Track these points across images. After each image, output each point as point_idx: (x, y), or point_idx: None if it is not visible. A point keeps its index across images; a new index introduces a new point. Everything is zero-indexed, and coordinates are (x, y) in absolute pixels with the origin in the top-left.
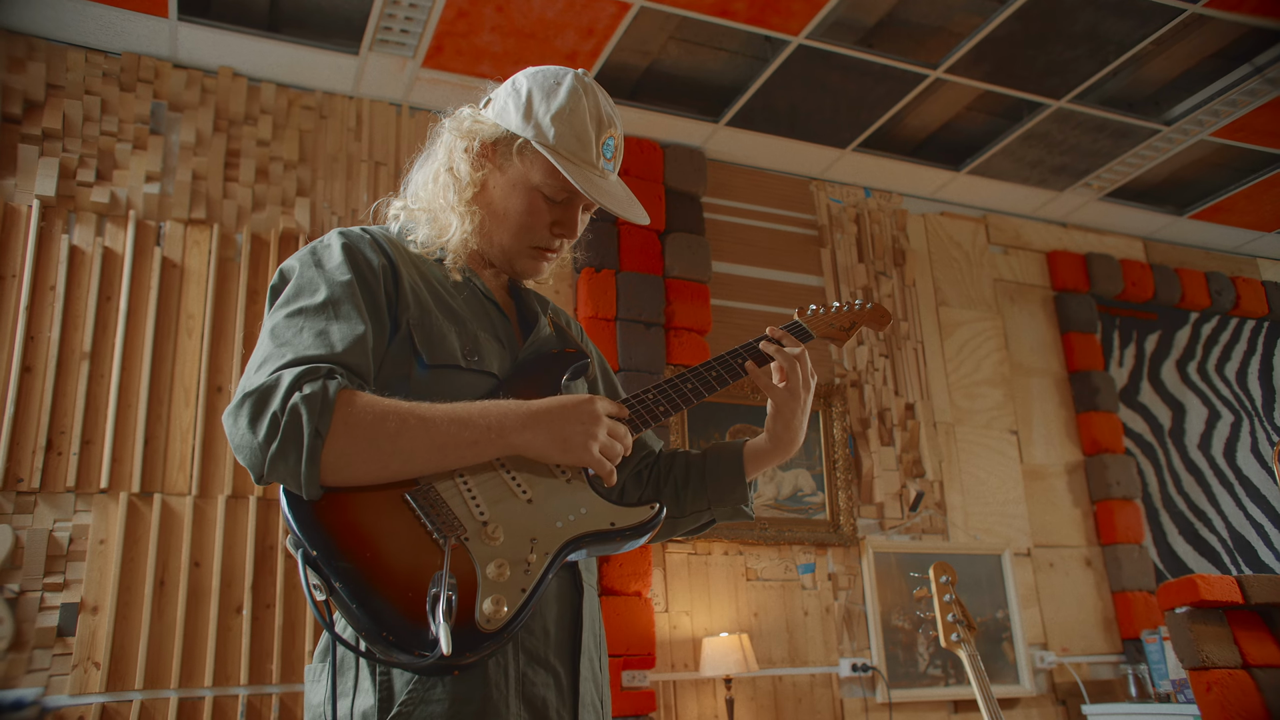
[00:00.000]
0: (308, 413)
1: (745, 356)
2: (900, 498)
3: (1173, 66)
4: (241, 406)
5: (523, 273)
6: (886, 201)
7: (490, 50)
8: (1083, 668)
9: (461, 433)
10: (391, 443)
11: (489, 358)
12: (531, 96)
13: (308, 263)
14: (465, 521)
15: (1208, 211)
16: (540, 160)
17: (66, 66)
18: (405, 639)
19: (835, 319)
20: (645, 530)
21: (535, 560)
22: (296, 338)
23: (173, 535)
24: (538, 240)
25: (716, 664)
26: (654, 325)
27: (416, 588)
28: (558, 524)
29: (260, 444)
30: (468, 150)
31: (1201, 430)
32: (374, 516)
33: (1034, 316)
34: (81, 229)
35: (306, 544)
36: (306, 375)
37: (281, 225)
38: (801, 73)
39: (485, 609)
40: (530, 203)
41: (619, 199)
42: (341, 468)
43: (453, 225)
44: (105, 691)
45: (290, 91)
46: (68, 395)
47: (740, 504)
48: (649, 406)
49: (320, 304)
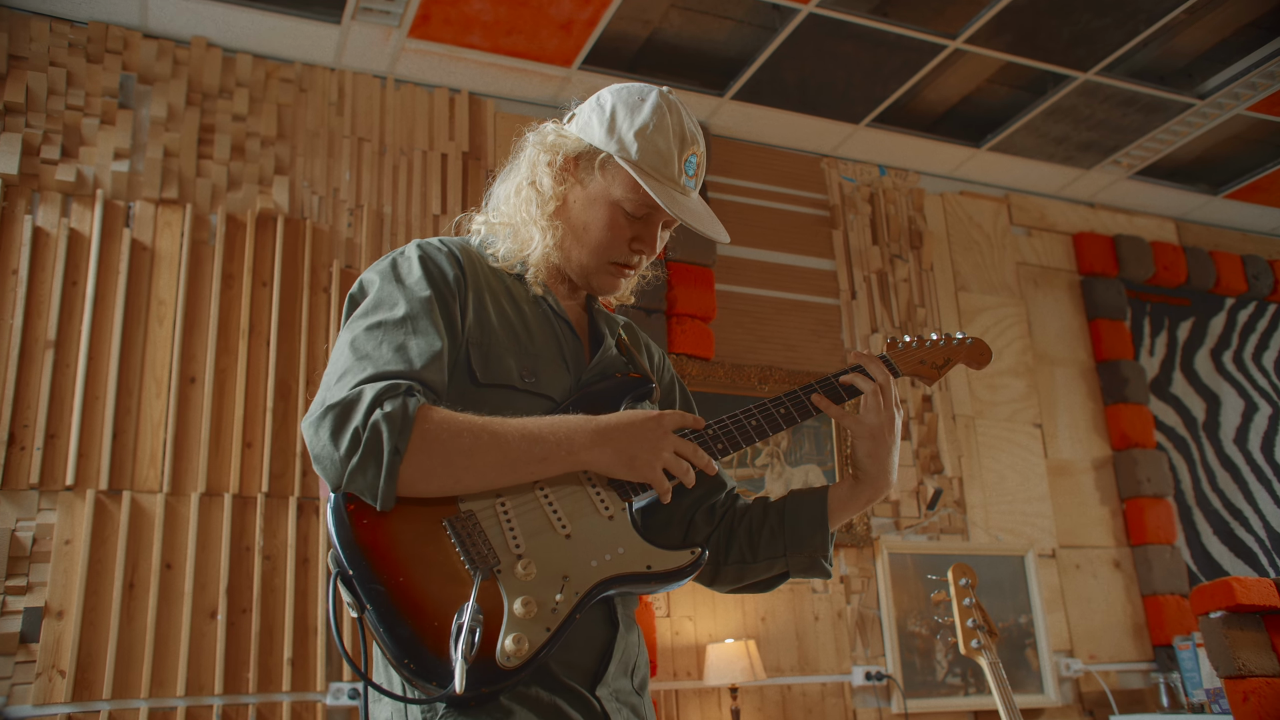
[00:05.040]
0: (388, 430)
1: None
2: (917, 495)
3: (1206, 37)
4: (324, 419)
5: (600, 289)
6: (902, 180)
7: (480, 19)
8: (1111, 676)
9: (532, 449)
10: (466, 459)
11: (548, 380)
12: (616, 112)
13: (388, 275)
14: (500, 553)
15: (1244, 191)
16: (622, 175)
17: (30, 36)
18: (425, 669)
19: (928, 354)
20: (682, 575)
21: (564, 600)
22: (377, 351)
23: (143, 535)
24: (616, 256)
25: (721, 672)
26: (655, 312)
27: (443, 618)
28: (592, 563)
29: (341, 457)
30: (550, 164)
31: (1238, 423)
32: (412, 541)
33: (1059, 302)
34: (46, 209)
35: (345, 562)
36: (388, 392)
37: (259, 205)
38: (812, 43)
39: (507, 646)
40: (611, 217)
41: (700, 216)
42: (417, 482)
43: (534, 239)
44: (71, 701)
45: (268, 63)
46: (31, 386)
47: (819, 555)
48: (706, 444)
49: (400, 319)
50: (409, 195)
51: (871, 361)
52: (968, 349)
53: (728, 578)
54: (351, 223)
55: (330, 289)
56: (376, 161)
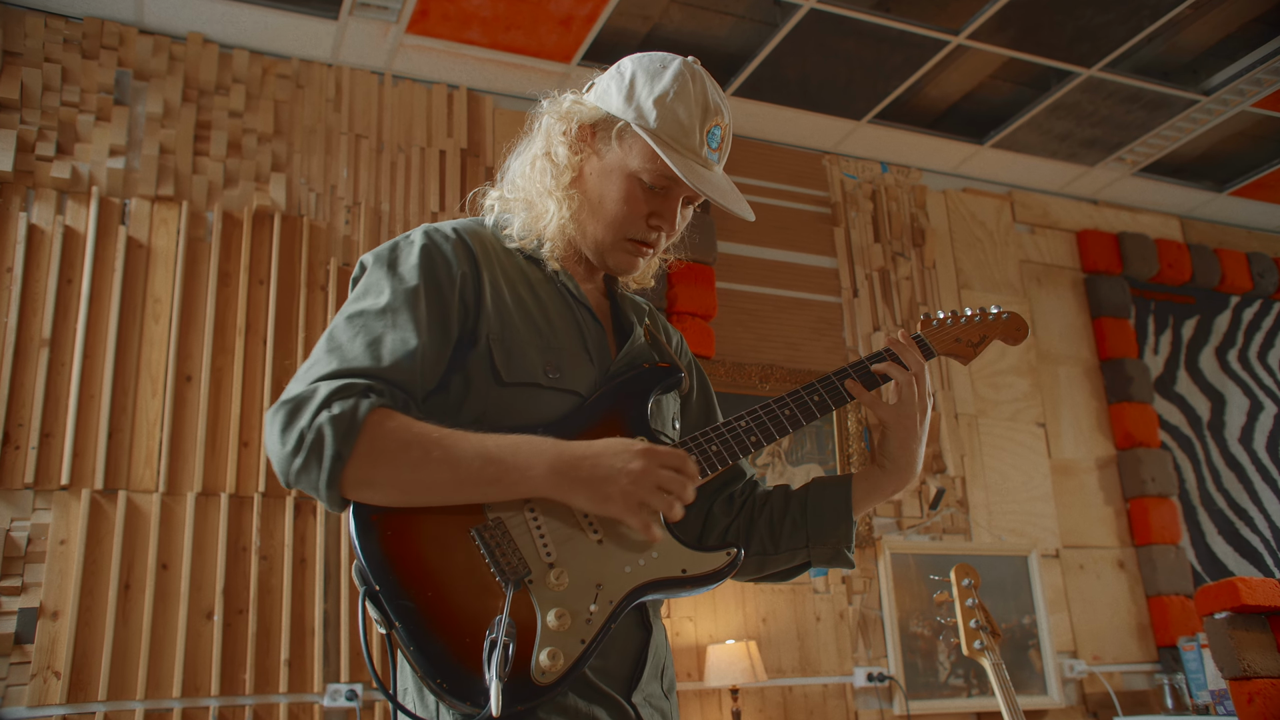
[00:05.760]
0: (332, 434)
1: (851, 375)
2: (919, 495)
3: (1211, 32)
4: (278, 413)
5: (617, 268)
6: (905, 177)
7: (479, 14)
8: (1115, 677)
9: (485, 469)
10: (413, 473)
11: (573, 374)
12: (635, 79)
13: (383, 260)
14: (531, 563)
15: (1249, 188)
16: (640, 144)
17: (24, 32)
18: (458, 688)
19: (963, 332)
20: (718, 578)
21: (598, 610)
22: (350, 344)
23: (138, 535)
24: (633, 232)
25: (722, 673)
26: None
27: (475, 633)
28: (626, 569)
29: (286, 455)
30: (565, 133)
31: (1243, 422)
32: (439, 551)
33: (1063, 300)
34: (41, 206)
35: (371, 577)
36: (341, 392)
37: (255, 202)
38: (814, 39)
39: (542, 662)
40: (627, 190)
41: (724, 191)
42: (362, 489)
43: (550, 211)
44: (66, 703)
45: (265, 59)
46: (26, 385)
47: (843, 545)
48: (739, 437)
49: (380, 310)
50: (407, 192)
51: (906, 348)
52: (1004, 324)
53: (747, 569)
54: (349, 220)
55: (328, 287)
56: (374, 158)
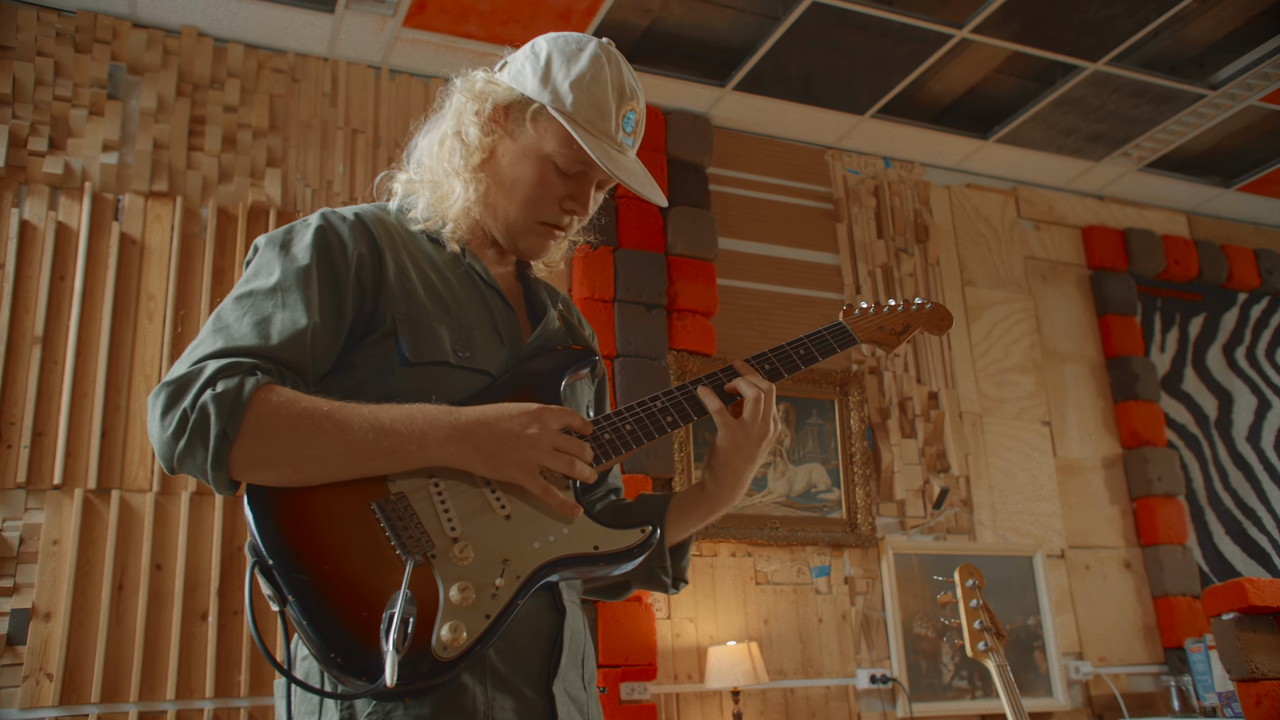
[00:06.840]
0: (216, 412)
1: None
2: (923, 494)
3: (1219, 26)
4: (159, 395)
5: (527, 252)
6: (908, 172)
7: (477, 8)
8: (1121, 679)
9: (380, 440)
10: (304, 448)
11: (484, 354)
12: (551, 60)
13: (276, 241)
14: (435, 538)
15: (1257, 183)
16: (555, 128)
17: (16, 25)
18: (354, 662)
19: (886, 320)
20: (632, 556)
21: (504, 585)
22: (237, 323)
23: (132, 535)
24: (545, 215)
25: (723, 675)
26: (655, 307)
27: (372, 607)
28: (534, 545)
29: (169, 438)
30: (478, 113)
31: (1250, 421)
32: (338, 526)
33: (1068, 297)
34: (33, 202)
35: (264, 550)
36: (225, 371)
37: (250, 198)
38: (816, 32)
39: (443, 635)
40: (541, 173)
41: (637, 176)
42: (250, 469)
43: (455, 192)
44: (59, 705)
45: (260, 53)
46: (18, 383)
47: (656, 568)
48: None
49: (270, 289)
50: None
51: (751, 372)
52: (927, 314)
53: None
54: None
55: None
56: (370, 153)
